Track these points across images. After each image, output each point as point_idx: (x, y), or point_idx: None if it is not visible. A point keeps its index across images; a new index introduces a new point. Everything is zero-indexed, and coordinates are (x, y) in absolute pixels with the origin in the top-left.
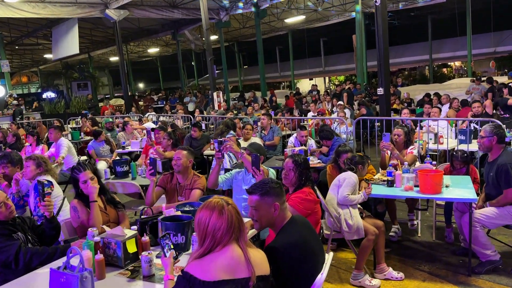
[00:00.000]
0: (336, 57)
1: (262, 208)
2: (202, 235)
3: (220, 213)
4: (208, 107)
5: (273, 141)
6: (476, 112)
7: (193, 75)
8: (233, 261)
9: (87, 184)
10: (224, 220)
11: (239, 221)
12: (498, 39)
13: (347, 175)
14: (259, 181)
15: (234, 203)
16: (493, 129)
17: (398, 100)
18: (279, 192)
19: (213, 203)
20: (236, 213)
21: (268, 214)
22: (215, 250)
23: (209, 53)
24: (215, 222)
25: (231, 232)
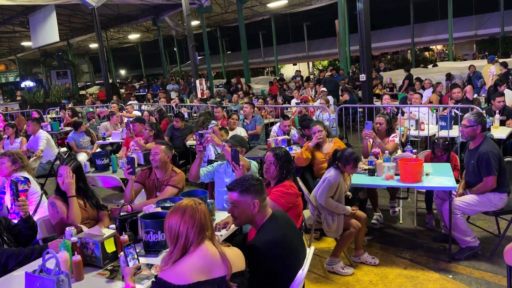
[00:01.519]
0: (320, 41)
1: (241, 205)
2: (173, 239)
3: (192, 214)
4: (191, 95)
5: (255, 130)
6: (456, 98)
7: (176, 61)
8: (208, 261)
9: (62, 178)
10: (197, 220)
11: (210, 221)
12: (479, 22)
13: (329, 175)
14: (239, 178)
15: (204, 204)
16: (477, 118)
17: (380, 85)
18: (259, 189)
19: (183, 205)
20: (208, 213)
21: (248, 211)
22: (188, 252)
23: (191, 40)
24: (187, 224)
25: (204, 232)
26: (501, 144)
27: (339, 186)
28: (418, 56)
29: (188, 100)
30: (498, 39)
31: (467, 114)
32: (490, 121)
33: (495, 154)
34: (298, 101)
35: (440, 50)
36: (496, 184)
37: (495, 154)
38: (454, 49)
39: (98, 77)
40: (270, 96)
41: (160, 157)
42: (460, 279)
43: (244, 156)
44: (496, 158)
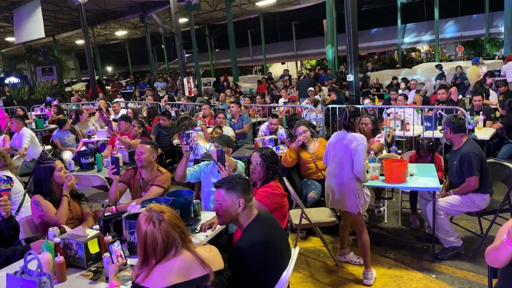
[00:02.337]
0: (308, 41)
1: (226, 203)
2: (141, 250)
3: (154, 228)
4: (178, 93)
5: (242, 129)
6: (441, 99)
7: (163, 58)
8: (186, 264)
9: (64, 171)
10: (159, 236)
11: (179, 229)
12: (464, 24)
13: (356, 142)
14: (227, 176)
15: (172, 211)
16: (446, 120)
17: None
18: (246, 189)
19: (146, 218)
20: (172, 225)
21: (232, 210)
22: (161, 262)
23: (179, 38)
24: (152, 237)
25: (171, 244)
26: (485, 145)
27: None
28: (404, 56)
29: (175, 98)
30: (483, 40)
31: (445, 119)
32: (474, 122)
33: (476, 154)
34: (285, 101)
35: (427, 51)
36: (479, 185)
37: (477, 154)
38: (440, 50)
39: (85, 74)
40: (259, 95)
41: (145, 156)
42: (443, 278)
43: (231, 156)
44: (477, 159)
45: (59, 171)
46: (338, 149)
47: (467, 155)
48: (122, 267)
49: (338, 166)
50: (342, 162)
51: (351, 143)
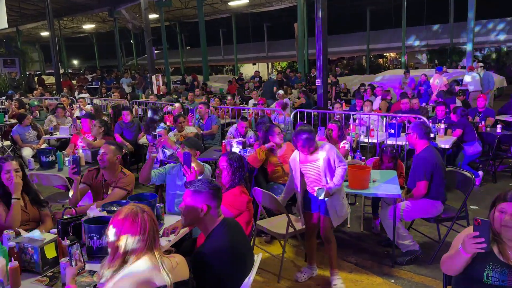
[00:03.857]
0: (280, 43)
1: (190, 205)
2: (114, 246)
3: (134, 222)
4: (146, 91)
5: (211, 130)
6: (404, 109)
7: (132, 53)
8: (149, 273)
9: (10, 175)
10: (137, 229)
11: (153, 230)
12: (430, 33)
13: (327, 147)
14: (201, 179)
15: (150, 210)
16: (415, 125)
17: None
18: (214, 195)
19: (125, 211)
20: (151, 221)
21: (195, 213)
22: (128, 262)
23: (148, 34)
24: (127, 232)
25: (145, 242)
26: (445, 153)
27: None
28: (372, 62)
29: (143, 96)
30: (447, 49)
31: (414, 124)
32: (436, 130)
33: (428, 161)
34: (255, 102)
35: (394, 58)
36: (428, 191)
37: (429, 161)
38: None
39: (49, 67)
40: (229, 95)
41: (108, 157)
42: (402, 283)
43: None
44: (429, 165)
45: (6, 173)
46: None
47: (420, 159)
48: (80, 271)
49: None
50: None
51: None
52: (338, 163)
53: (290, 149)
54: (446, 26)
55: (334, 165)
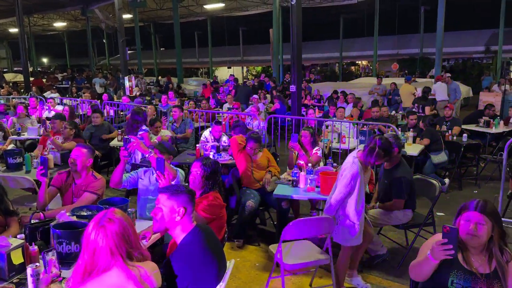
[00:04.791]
0: (255, 47)
1: (165, 209)
2: (90, 252)
3: (104, 228)
4: (118, 92)
5: (185, 133)
6: (375, 117)
7: (105, 52)
8: (121, 283)
9: None
10: (108, 236)
11: (127, 236)
12: (401, 42)
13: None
14: (175, 184)
15: (125, 215)
16: (394, 140)
17: (309, 96)
18: (189, 200)
19: (98, 218)
20: (124, 228)
21: (170, 217)
22: (101, 270)
23: (121, 34)
24: (99, 240)
25: (117, 250)
26: (413, 161)
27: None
28: (345, 70)
29: (115, 97)
30: (417, 59)
31: (385, 135)
32: (405, 138)
33: (407, 180)
34: (230, 106)
35: (365, 66)
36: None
37: (407, 180)
38: (378, 66)
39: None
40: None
41: (80, 160)
42: None
43: (173, 160)
44: (408, 185)
45: None
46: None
47: (398, 179)
48: (54, 278)
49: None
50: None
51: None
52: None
53: (265, 155)
54: (416, 36)
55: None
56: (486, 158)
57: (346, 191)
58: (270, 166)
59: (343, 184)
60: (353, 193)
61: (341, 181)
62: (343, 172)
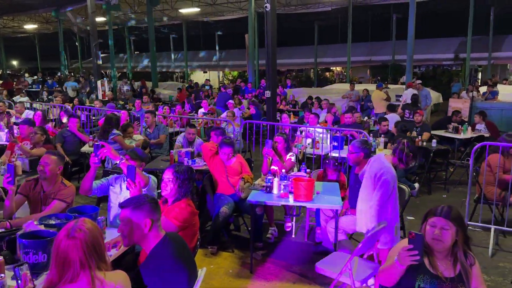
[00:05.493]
0: (231, 52)
1: (133, 223)
2: (53, 261)
3: (74, 239)
4: (91, 96)
5: (158, 139)
6: (348, 122)
7: (77, 56)
8: None
9: None
10: (78, 247)
11: (97, 247)
12: (374, 49)
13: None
14: (134, 196)
15: (95, 225)
16: (360, 145)
17: (284, 101)
18: (154, 209)
19: (68, 227)
20: (95, 239)
21: (139, 230)
22: (66, 282)
23: (94, 38)
24: (67, 249)
25: (85, 260)
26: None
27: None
28: (319, 75)
29: (88, 101)
30: (389, 66)
31: (354, 140)
32: (376, 144)
33: None
34: (206, 111)
35: (339, 72)
36: None
37: None
38: (351, 72)
39: None
40: (179, 104)
41: (50, 168)
42: None
43: (147, 166)
44: None
45: None
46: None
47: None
48: None
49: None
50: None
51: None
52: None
53: (239, 161)
54: (388, 43)
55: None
56: (454, 163)
57: (389, 194)
58: (243, 172)
59: (384, 189)
60: (392, 195)
61: (380, 186)
62: (380, 177)
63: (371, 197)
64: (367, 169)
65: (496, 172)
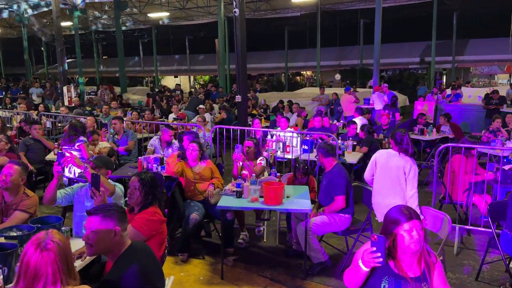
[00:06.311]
0: (202, 56)
1: (101, 232)
2: (21, 275)
3: (47, 252)
4: (57, 102)
5: (127, 146)
6: (317, 126)
7: (43, 61)
8: None
9: None
10: (52, 260)
11: (69, 259)
12: (342, 54)
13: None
14: (102, 204)
15: (63, 236)
16: (318, 146)
17: (257, 107)
18: (122, 218)
19: (39, 239)
20: (64, 251)
21: (107, 239)
22: None
23: (59, 43)
24: (39, 263)
25: (58, 274)
26: (352, 169)
27: None
28: (290, 80)
29: (53, 108)
30: (357, 70)
31: (318, 147)
32: (344, 147)
33: (343, 176)
34: (175, 117)
35: (309, 76)
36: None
37: (343, 176)
38: (321, 76)
39: None
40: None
41: (12, 178)
42: None
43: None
44: (344, 180)
45: None
46: (389, 169)
47: (335, 176)
48: None
49: (389, 185)
50: (394, 182)
51: (405, 166)
52: None
53: (208, 167)
54: (356, 48)
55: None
56: (420, 164)
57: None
58: (213, 177)
59: (415, 180)
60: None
61: (411, 177)
62: (409, 171)
63: (402, 188)
64: (381, 161)
65: (460, 172)
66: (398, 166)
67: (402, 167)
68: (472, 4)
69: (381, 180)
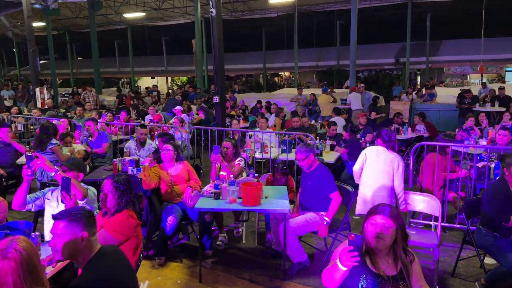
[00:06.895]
0: (179, 57)
1: (68, 237)
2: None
3: (8, 260)
4: (29, 104)
5: (101, 148)
6: (295, 126)
7: (15, 62)
8: None
9: None
10: (13, 270)
11: (33, 268)
12: (319, 55)
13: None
14: (69, 208)
15: (30, 244)
16: (306, 149)
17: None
18: (90, 222)
19: (1, 247)
20: (30, 259)
21: (74, 244)
22: None
23: (31, 44)
24: (1, 274)
25: (19, 284)
26: (330, 168)
27: None
28: (269, 80)
29: (26, 110)
30: (334, 70)
31: (297, 148)
32: (322, 146)
33: (331, 174)
34: (152, 118)
35: (288, 77)
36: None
37: (331, 174)
38: (299, 77)
39: None
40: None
41: None
42: None
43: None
44: (332, 177)
45: None
46: (379, 163)
47: (324, 176)
48: None
49: (377, 178)
50: (382, 176)
51: (393, 161)
52: None
53: (186, 168)
54: (333, 49)
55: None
56: None
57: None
58: (191, 179)
59: (403, 175)
60: None
61: (399, 173)
62: (398, 166)
63: (389, 181)
64: (371, 156)
65: (434, 170)
66: (387, 161)
67: (391, 161)
68: (445, 6)
69: (369, 173)
